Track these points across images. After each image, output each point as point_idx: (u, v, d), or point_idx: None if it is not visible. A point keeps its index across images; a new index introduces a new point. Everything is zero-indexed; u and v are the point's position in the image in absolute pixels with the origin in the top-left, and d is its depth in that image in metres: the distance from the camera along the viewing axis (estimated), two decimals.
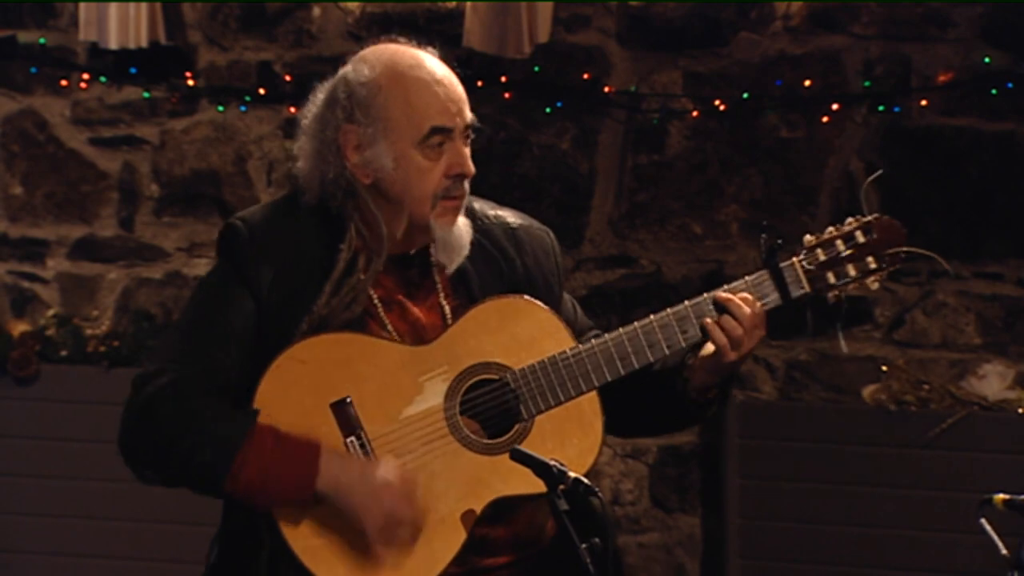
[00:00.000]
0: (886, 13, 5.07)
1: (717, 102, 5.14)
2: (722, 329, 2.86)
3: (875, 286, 2.97)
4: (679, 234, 5.22)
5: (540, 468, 2.65)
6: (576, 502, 2.62)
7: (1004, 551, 2.76)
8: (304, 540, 2.78)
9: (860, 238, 2.94)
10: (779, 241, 2.93)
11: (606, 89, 5.21)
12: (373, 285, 2.88)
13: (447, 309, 2.92)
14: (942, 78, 5.04)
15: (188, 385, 2.79)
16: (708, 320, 2.88)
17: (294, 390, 2.80)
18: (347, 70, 2.90)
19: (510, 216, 3.04)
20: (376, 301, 2.89)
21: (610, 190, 5.26)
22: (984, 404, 4.88)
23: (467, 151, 2.89)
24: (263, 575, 2.81)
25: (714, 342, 2.87)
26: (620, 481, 5.27)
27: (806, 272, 2.92)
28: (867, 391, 4.97)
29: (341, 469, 2.76)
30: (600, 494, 2.63)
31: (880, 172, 3.14)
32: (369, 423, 2.82)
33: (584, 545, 2.58)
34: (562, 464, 2.64)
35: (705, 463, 5.21)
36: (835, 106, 5.07)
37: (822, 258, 2.93)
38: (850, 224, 2.96)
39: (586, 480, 2.62)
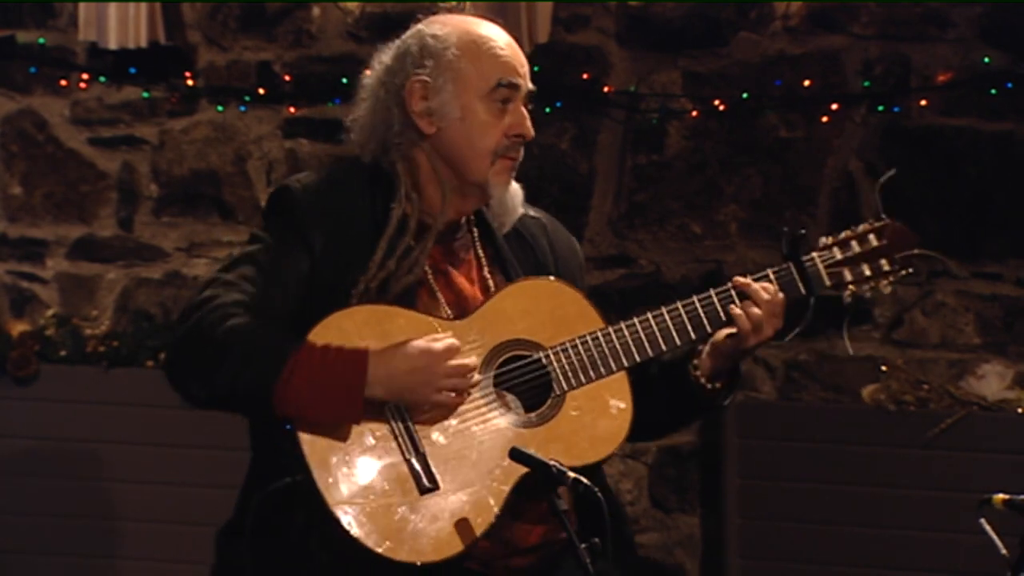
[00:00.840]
0: (885, 13, 5.07)
1: (716, 102, 5.14)
2: (745, 315, 2.94)
3: (887, 289, 3.06)
4: (678, 234, 5.23)
5: (539, 468, 2.67)
6: (585, 501, 2.65)
7: (1004, 551, 2.78)
8: (341, 501, 2.78)
9: (873, 241, 3.04)
10: (803, 231, 3.02)
11: (605, 89, 5.21)
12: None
13: (491, 282, 2.99)
14: (941, 78, 5.04)
15: (239, 307, 2.82)
16: (733, 306, 2.95)
17: None
18: (420, 27, 2.99)
19: (540, 214, 3.14)
20: (427, 268, 2.94)
21: (609, 190, 5.27)
22: (983, 404, 4.88)
23: (528, 116, 2.97)
24: (294, 541, 2.81)
25: (737, 327, 2.94)
26: (619, 481, 5.27)
27: (826, 267, 3.01)
28: (866, 391, 4.97)
29: (388, 368, 2.78)
30: (599, 494, 2.64)
31: (892, 172, 3.21)
32: None
33: (584, 545, 2.59)
34: (561, 464, 2.67)
35: (704, 463, 5.21)
36: (834, 106, 5.07)
37: (839, 256, 3.02)
38: (864, 228, 3.04)
39: (586, 480, 2.65)
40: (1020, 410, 4.85)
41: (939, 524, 4.78)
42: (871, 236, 3.04)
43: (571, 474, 2.65)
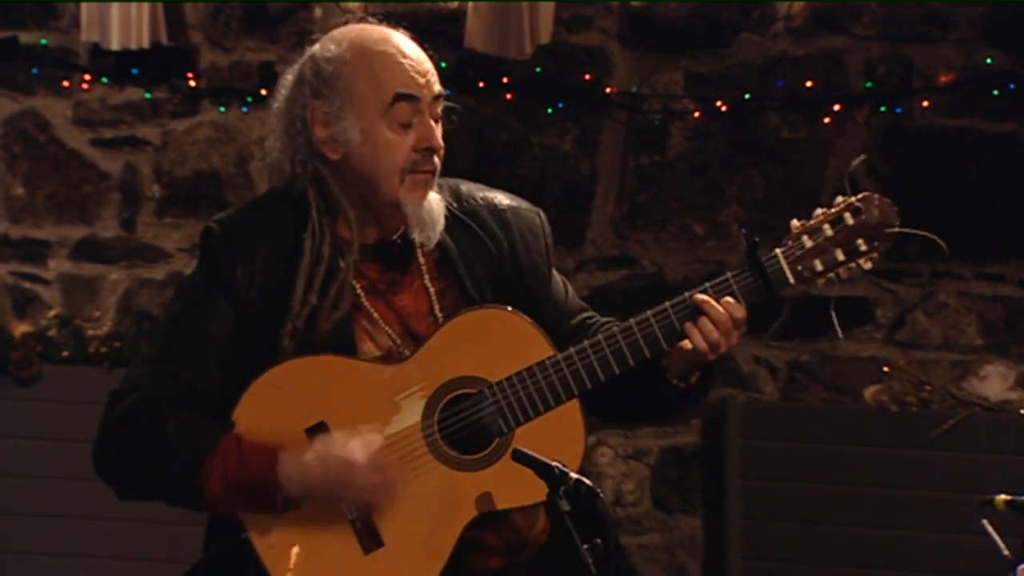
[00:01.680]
0: (887, 14, 5.07)
1: (719, 103, 5.14)
2: (700, 332, 2.84)
3: (868, 265, 2.88)
4: (680, 235, 5.23)
5: (541, 469, 2.64)
6: (579, 503, 2.61)
7: (1005, 552, 2.76)
8: (283, 564, 2.76)
9: (849, 220, 2.86)
10: (756, 240, 2.86)
11: (607, 90, 5.21)
12: (356, 277, 2.86)
13: (432, 291, 2.90)
14: (943, 79, 5.04)
15: (158, 403, 2.78)
16: (688, 324, 2.83)
17: (270, 416, 2.78)
18: (314, 48, 2.92)
19: (499, 197, 3.03)
20: (360, 292, 2.87)
21: (611, 191, 5.27)
22: (986, 405, 4.88)
23: (436, 125, 2.86)
24: None
25: (692, 344, 2.83)
26: (621, 482, 5.27)
27: (790, 264, 2.85)
28: (869, 392, 4.98)
29: (301, 467, 2.73)
30: (602, 495, 2.61)
31: (863, 157, 3.07)
32: None
33: (586, 546, 2.57)
34: (564, 465, 2.63)
35: (706, 464, 5.21)
36: (836, 107, 5.07)
37: (808, 245, 2.86)
38: (837, 205, 2.88)
39: (588, 481, 2.62)
40: (1022, 411, 4.85)
41: (941, 525, 4.78)
42: (846, 215, 2.86)
43: (573, 475, 2.61)
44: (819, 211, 2.89)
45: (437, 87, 2.87)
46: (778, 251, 2.86)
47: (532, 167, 5.25)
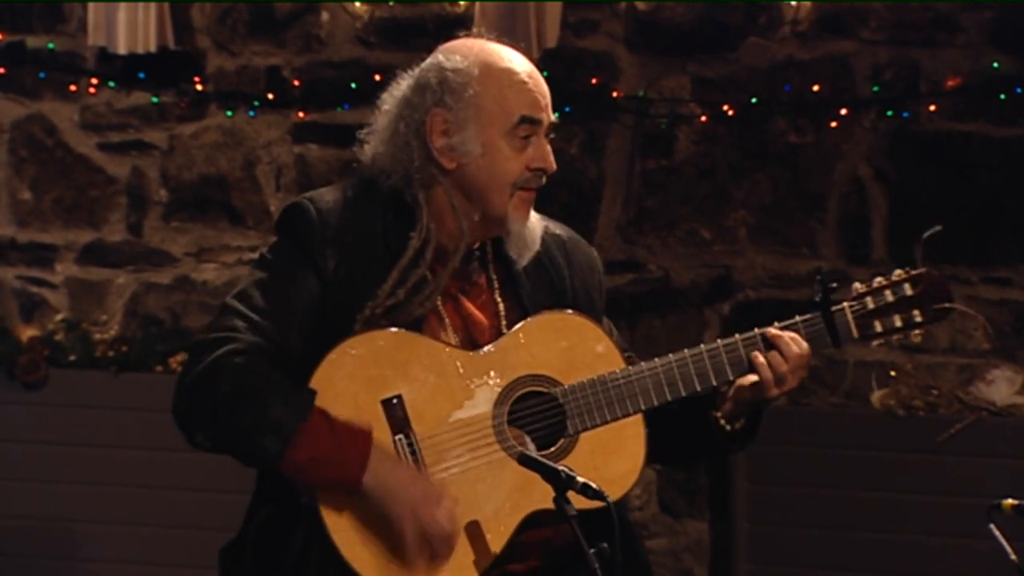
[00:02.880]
0: (894, 18, 5.08)
1: (725, 107, 5.15)
2: (769, 365, 2.92)
3: (917, 339, 3.05)
4: (687, 239, 5.23)
5: (548, 473, 2.67)
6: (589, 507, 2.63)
7: (1013, 556, 2.77)
8: (344, 532, 2.78)
9: (908, 291, 3.00)
10: (834, 285, 2.98)
11: (614, 94, 5.21)
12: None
13: (501, 307, 2.96)
14: (951, 83, 5.04)
15: (249, 357, 2.79)
16: (757, 354, 2.93)
17: (347, 383, 2.81)
18: (439, 58, 2.95)
19: (560, 229, 3.11)
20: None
21: (618, 195, 5.27)
22: (992, 409, 4.88)
23: (550, 148, 2.96)
24: (292, 559, 2.81)
25: (759, 376, 2.92)
26: None
27: (856, 319, 2.98)
28: (876, 396, 4.97)
29: (389, 472, 2.77)
30: (609, 499, 2.63)
31: (939, 228, 3.17)
32: (418, 423, 2.83)
33: (592, 550, 2.59)
34: (571, 469, 2.66)
35: (713, 468, 5.20)
36: (844, 111, 5.08)
37: (871, 306, 2.99)
38: (899, 276, 3.01)
39: (595, 485, 2.64)
40: None
41: (948, 529, 4.78)
42: (906, 285, 3.01)
43: (580, 479, 2.64)
44: (879, 279, 3.02)
45: (555, 114, 2.99)
46: (845, 305, 2.99)
47: None
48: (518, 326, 2.91)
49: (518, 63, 2.94)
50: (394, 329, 2.84)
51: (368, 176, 2.97)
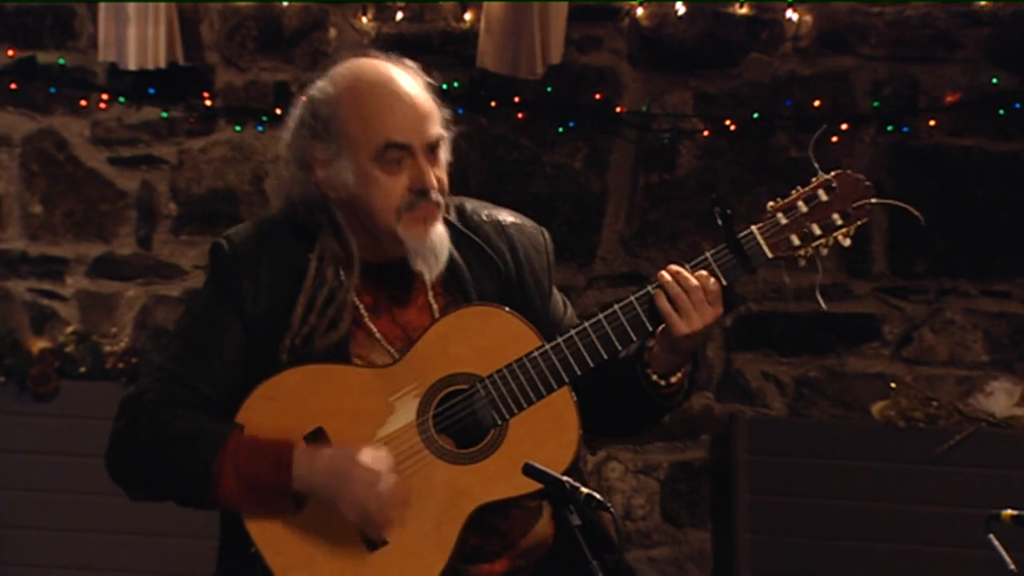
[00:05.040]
0: (894, 34, 5.09)
1: (727, 122, 5.17)
2: (667, 297, 2.84)
3: (847, 242, 2.89)
4: (690, 252, 5.14)
5: (553, 484, 2.65)
6: (586, 516, 2.62)
7: (1012, 566, 2.77)
8: (293, 572, 2.79)
9: (823, 196, 2.87)
10: (728, 211, 2.88)
11: (618, 109, 5.23)
12: (358, 294, 2.90)
13: (435, 308, 2.93)
14: (950, 99, 5.06)
15: (169, 403, 2.82)
16: (661, 297, 2.84)
17: (268, 426, 2.81)
18: (313, 88, 2.93)
19: (504, 215, 3.06)
20: (363, 310, 2.91)
21: (621, 208, 5.29)
22: (992, 420, 4.89)
23: (431, 166, 2.87)
24: None
25: (660, 310, 2.84)
26: (631, 496, 5.28)
27: (767, 239, 2.87)
28: (876, 408, 4.98)
29: (313, 462, 2.77)
30: (612, 509, 2.62)
31: (824, 127, 3.06)
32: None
33: (595, 561, 2.58)
34: (574, 482, 2.64)
35: (715, 479, 5.22)
36: (844, 126, 5.09)
37: (783, 222, 2.87)
38: (811, 183, 2.89)
39: (599, 496, 2.62)
40: None
41: (948, 539, 4.80)
42: (820, 192, 2.87)
43: (584, 490, 2.61)
44: (793, 191, 2.91)
45: (433, 131, 2.87)
46: (753, 227, 2.89)
47: (543, 185, 5.27)
48: (429, 329, 2.87)
49: (388, 85, 2.87)
50: (301, 365, 2.83)
51: (276, 204, 2.99)
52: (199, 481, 2.79)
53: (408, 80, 2.89)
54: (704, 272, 2.87)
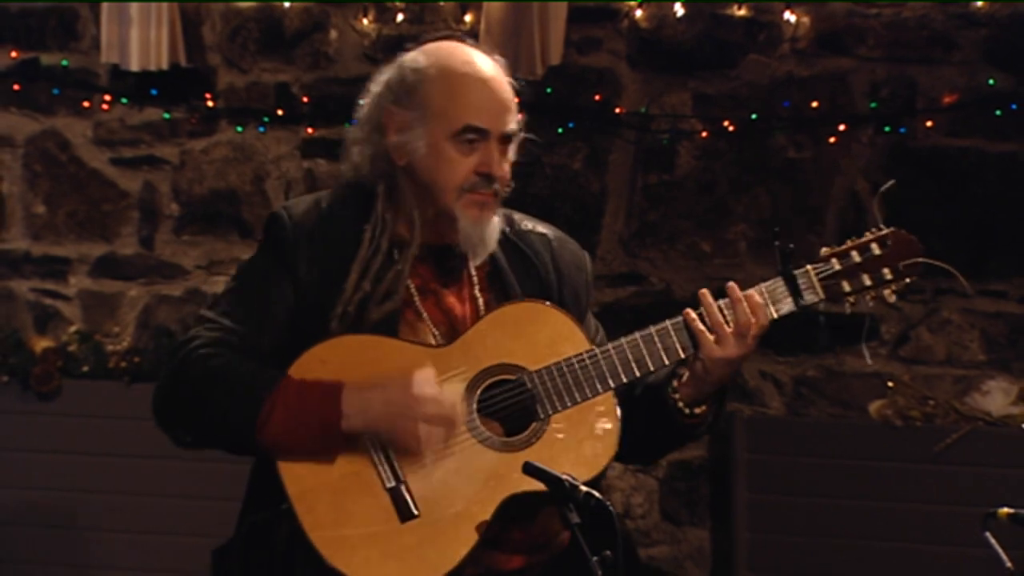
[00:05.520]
0: (892, 36, 5.10)
1: (726, 123, 5.18)
2: (705, 324, 2.89)
3: (892, 298, 2.98)
4: (688, 252, 5.24)
5: (552, 482, 2.67)
6: (590, 515, 2.63)
7: (1008, 564, 2.80)
8: (322, 530, 2.79)
9: (876, 250, 2.95)
10: (791, 246, 2.94)
11: (617, 110, 5.24)
12: (410, 275, 2.93)
13: (480, 301, 2.97)
14: (947, 100, 5.07)
15: (213, 348, 2.83)
16: (689, 311, 2.90)
17: None
18: (405, 56, 2.97)
19: (550, 229, 3.11)
20: (413, 290, 2.94)
21: (620, 209, 5.30)
22: (988, 419, 4.89)
23: (501, 157, 2.92)
24: (279, 558, 2.84)
25: (695, 334, 2.89)
26: (630, 495, 5.29)
27: (820, 280, 2.93)
28: (873, 407, 4.99)
29: (363, 401, 2.78)
30: (612, 508, 2.63)
31: (892, 182, 3.14)
32: None
33: (595, 558, 2.59)
34: (574, 479, 2.66)
35: (714, 477, 5.23)
36: (842, 127, 5.10)
37: (837, 267, 2.94)
38: (866, 236, 2.97)
39: (597, 494, 2.64)
40: None
41: (945, 537, 4.80)
42: (873, 245, 2.95)
43: (583, 488, 2.63)
44: (848, 241, 2.98)
45: (511, 124, 2.93)
46: (809, 267, 2.95)
47: (543, 186, 5.27)
48: (483, 319, 2.91)
49: (478, 70, 2.92)
50: (360, 335, 2.86)
51: (345, 179, 3.02)
52: (248, 419, 2.78)
53: (497, 71, 2.96)
54: (757, 298, 2.93)
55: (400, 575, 2.79)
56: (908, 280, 2.97)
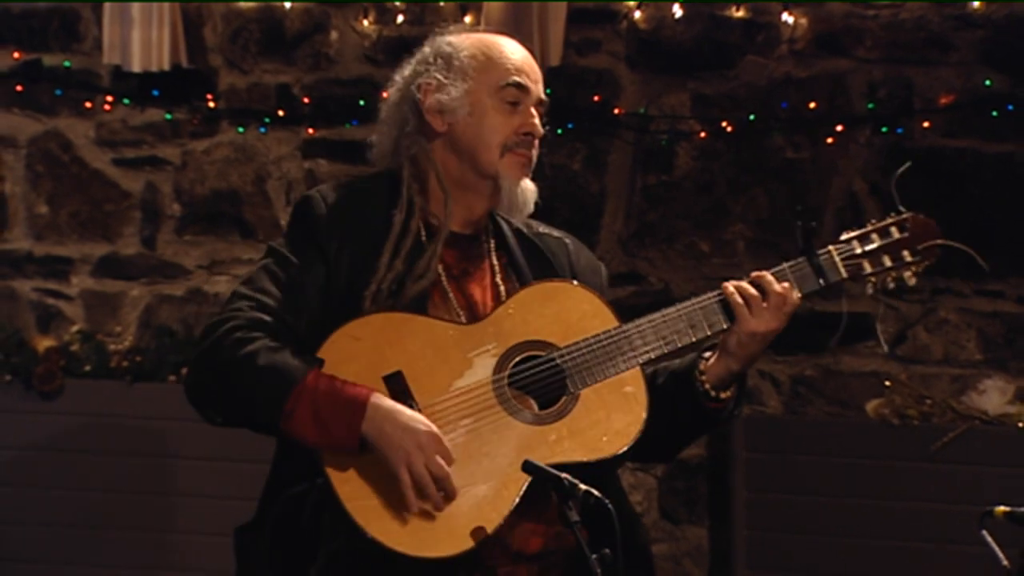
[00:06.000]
0: (889, 37, 5.11)
1: (724, 124, 5.19)
2: (752, 308, 2.94)
3: (912, 281, 3.02)
4: (687, 252, 5.26)
5: (552, 481, 2.69)
6: (592, 513, 2.66)
7: (1005, 562, 2.81)
8: (357, 500, 2.81)
9: (895, 233, 3.01)
10: (813, 224, 3.03)
11: (616, 111, 5.26)
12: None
13: (502, 288, 3.01)
14: (944, 100, 5.09)
15: (249, 329, 2.85)
16: (727, 284, 2.96)
17: (348, 364, 2.86)
18: (437, 36, 3.04)
19: (567, 236, 3.17)
20: (441, 271, 2.98)
21: (619, 209, 5.31)
22: (985, 418, 4.90)
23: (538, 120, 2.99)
24: (304, 533, 2.86)
25: (733, 307, 2.94)
26: (629, 493, 5.24)
27: (843, 260, 2.98)
28: (870, 406, 5.00)
29: (386, 418, 2.80)
30: (611, 506, 2.65)
31: (908, 164, 3.19)
32: (420, 395, 2.87)
33: (595, 556, 2.61)
34: (572, 479, 2.68)
35: (712, 476, 5.25)
36: (839, 128, 5.12)
37: (858, 249, 2.99)
38: (886, 220, 3.02)
39: (596, 492, 2.65)
40: (1021, 424, 4.87)
41: (942, 535, 4.81)
42: (892, 228, 3.00)
43: (582, 487, 2.65)
44: (868, 224, 3.03)
45: (543, 93, 3.02)
46: (831, 247, 3.00)
47: (542, 186, 5.18)
48: (513, 296, 2.95)
49: (510, 44, 3.02)
50: (390, 312, 2.90)
51: (373, 164, 3.05)
52: (275, 406, 2.81)
53: (528, 54, 3.04)
54: (786, 283, 2.96)
55: (431, 543, 2.80)
56: (927, 263, 3.02)
